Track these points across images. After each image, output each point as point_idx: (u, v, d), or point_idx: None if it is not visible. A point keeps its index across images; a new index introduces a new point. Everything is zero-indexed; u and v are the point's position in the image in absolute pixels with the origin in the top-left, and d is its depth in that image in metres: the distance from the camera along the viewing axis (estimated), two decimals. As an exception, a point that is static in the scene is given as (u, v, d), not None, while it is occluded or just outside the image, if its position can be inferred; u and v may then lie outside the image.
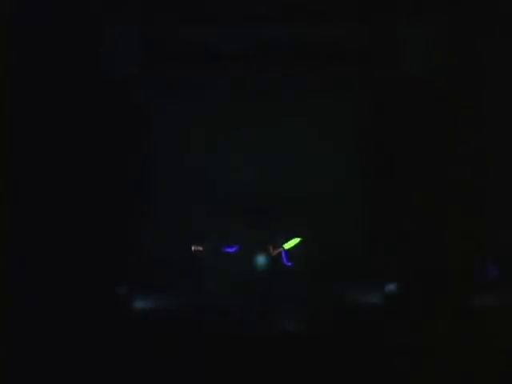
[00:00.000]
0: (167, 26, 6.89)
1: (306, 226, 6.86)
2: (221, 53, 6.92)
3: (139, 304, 6.32)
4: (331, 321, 6.07)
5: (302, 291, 6.55)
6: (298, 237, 6.80)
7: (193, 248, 6.74)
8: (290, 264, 6.72)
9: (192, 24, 6.88)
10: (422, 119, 6.76)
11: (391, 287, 6.39)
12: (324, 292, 6.49)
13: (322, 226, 6.87)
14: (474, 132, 6.72)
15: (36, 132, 6.53)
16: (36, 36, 6.54)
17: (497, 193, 6.66)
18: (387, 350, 5.67)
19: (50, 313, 5.93)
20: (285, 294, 6.49)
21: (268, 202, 6.88)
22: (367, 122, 7.00)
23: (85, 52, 6.71)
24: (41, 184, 6.49)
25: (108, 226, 6.59)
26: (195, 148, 7.06)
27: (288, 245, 6.75)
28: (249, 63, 6.95)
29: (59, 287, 6.19)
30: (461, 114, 6.72)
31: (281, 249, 6.74)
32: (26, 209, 6.43)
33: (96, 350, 5.64)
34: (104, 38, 6.77)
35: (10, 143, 6.29)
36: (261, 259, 6.69)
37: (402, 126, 6.81)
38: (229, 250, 6.72)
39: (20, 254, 6.26)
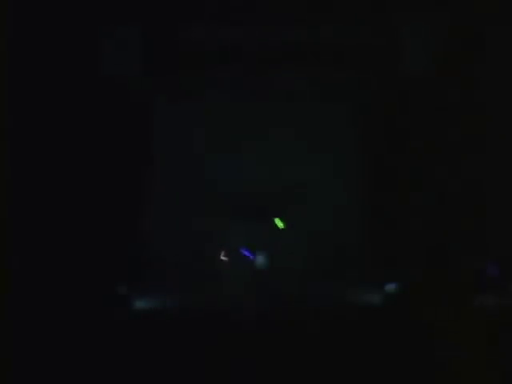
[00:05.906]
0: (167, 25, 6.89)
1: (305, 226, 6.88)
2: (221, 53, 6.93)
3: (139, 304, 6.32)
4: (331, 321, 6.07)
5: (301, 291, 6.55)
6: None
7: (221, 255, 6.72)
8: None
9: (192, 24, 6.89)
10: (423, 119, 6.78)
11: (391, 287, 6.39)
12: (324, 292, 6.49)
13: (322, 226, 6.88)
14: (475, 132, 6.73)
15: (35, 131, 6.53)
16: (35, 36, 6.55)
17: (497, 192, 6.67)
18: (387, 350, 5.67)
19: (49, 312, 5.93)
20: (284, 294, 6.49)
21: (267, 202, 6.89)
22: (367, 122, 7.00)
23: (84, 52, 6.71)
24: (41, 184, 6.49)
25: (108, 226, 6.59)
26: (195, 147, 7.07)
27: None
28: (249, 63, 6.96)
29: (59, 287, 6.19)
30: (461, 113, 6.73)
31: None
32: (25, 209, 6.43)
33: (96, 350, 5.65)
34: (104, 38, 6.78)
35: (9, 142, 6.30)
36: (260, 259, 6.69)
37: (402, 125, 6.83)
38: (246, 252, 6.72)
39: (20, 253, 6.27)
